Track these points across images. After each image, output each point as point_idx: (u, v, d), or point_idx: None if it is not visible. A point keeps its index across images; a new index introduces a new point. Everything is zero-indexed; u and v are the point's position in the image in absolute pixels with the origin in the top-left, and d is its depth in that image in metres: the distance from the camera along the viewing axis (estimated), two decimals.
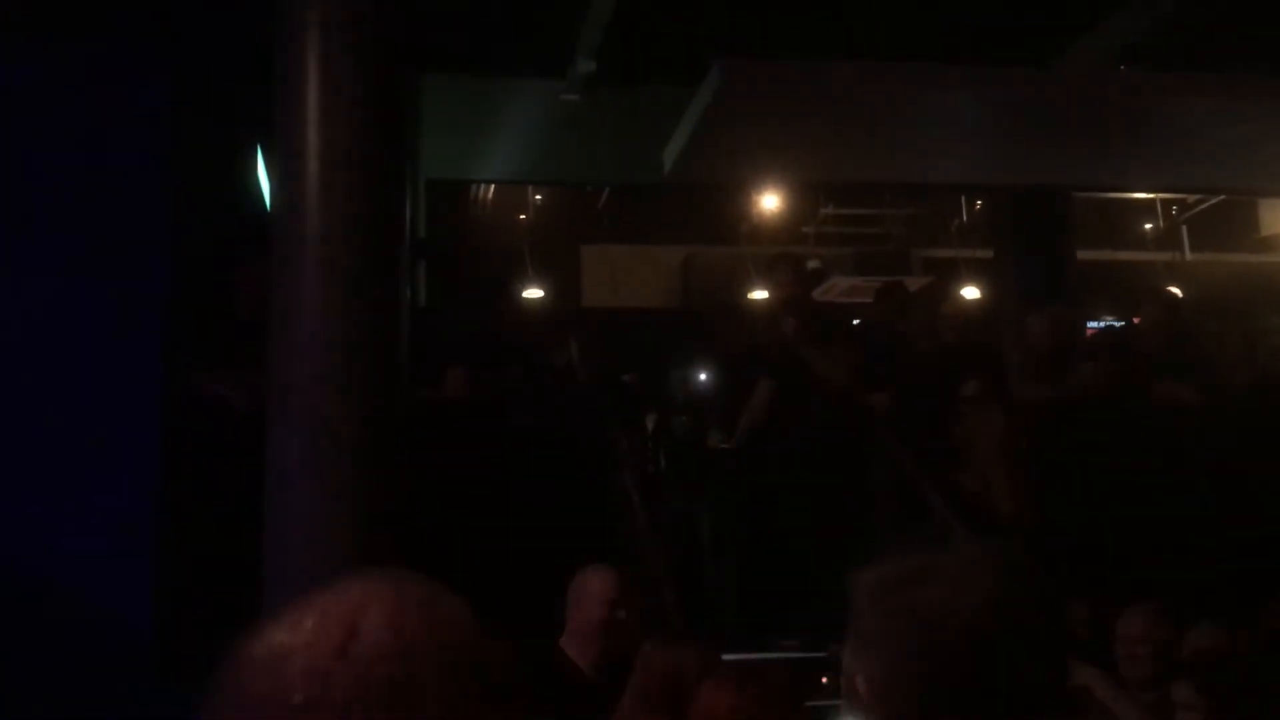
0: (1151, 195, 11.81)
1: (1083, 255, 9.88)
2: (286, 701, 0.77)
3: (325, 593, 0.84)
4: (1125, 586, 4.50)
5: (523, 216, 12.45)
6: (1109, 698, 3.64)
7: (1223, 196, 11.47)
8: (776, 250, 10.14)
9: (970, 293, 10.97)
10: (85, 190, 4.59)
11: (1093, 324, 8.86)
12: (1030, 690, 1.25)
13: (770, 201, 11.21)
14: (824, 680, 3.78)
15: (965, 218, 12.44)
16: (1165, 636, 3.78)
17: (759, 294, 10.84)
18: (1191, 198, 12.08)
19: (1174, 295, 6.95)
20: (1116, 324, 8.35)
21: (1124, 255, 12.71)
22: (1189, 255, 12.83)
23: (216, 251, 5.35)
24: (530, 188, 11.79)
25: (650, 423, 7.67)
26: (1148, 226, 13.04)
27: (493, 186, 11.39)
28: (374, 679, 0.78)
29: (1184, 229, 12.80)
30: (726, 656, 3.77)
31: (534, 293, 11.18)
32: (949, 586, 1.26)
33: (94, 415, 4.47)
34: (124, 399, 4.49)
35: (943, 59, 6.60)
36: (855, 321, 6.99)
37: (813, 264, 12.04)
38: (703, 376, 9.25)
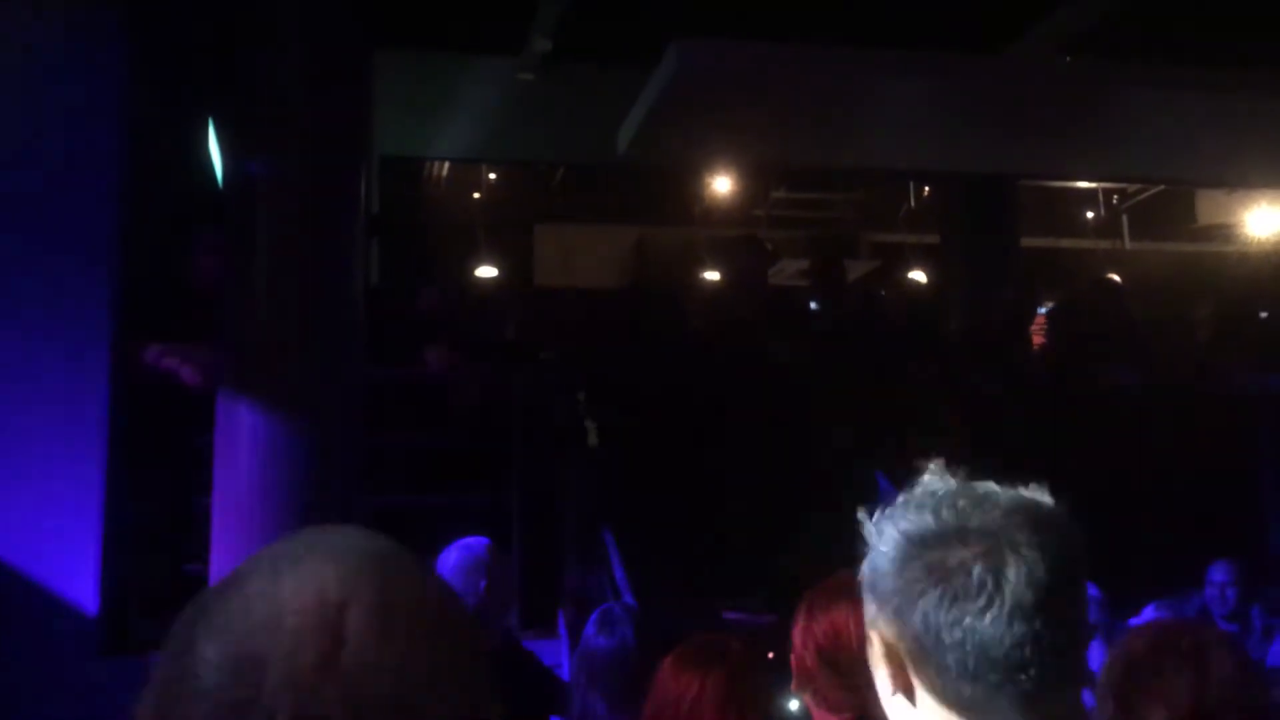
0: (1094, 184, 12.01)
1: (1025, 242, 10.04)
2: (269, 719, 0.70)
3: (292, 570, 0.76)
4: None
5: (477, 195, 12.42)
6: None
7: (1163, 186, 11.69)
8: (729, 232, 10.18)
9: (917, 277, 11.13)
10: (34, 161, 4.53)
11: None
12: (1067, 654, 1.19)
13: (723, 184, 11.29)
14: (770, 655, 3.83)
15: (914, 203, 12.59)
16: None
17: (713, 274, 10.90)
18: (1132, 187, 12.29)
19: (1114, 281, 7.08)
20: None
21: (1065, 243, 12.92)
22: (1129, 243, 13.06)
23: (168, 225, 5.30)
24: (484, 166, 11.76)
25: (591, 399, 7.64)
26: (1089, 215, 13.25)
27: (447, 164, 11.35)
28: (365, 697, 0.71)
29: (1124, 218, 13.02)
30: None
31: (487, 271, 11.17)
32: (993, 545, 1.17)
33: (42, 390, 4.42)
34: (73, 373, 4.45)
35: (896, 46, 6.68)
36: (813, 306, 7.07)
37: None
38: (655, 357, 9.23)
